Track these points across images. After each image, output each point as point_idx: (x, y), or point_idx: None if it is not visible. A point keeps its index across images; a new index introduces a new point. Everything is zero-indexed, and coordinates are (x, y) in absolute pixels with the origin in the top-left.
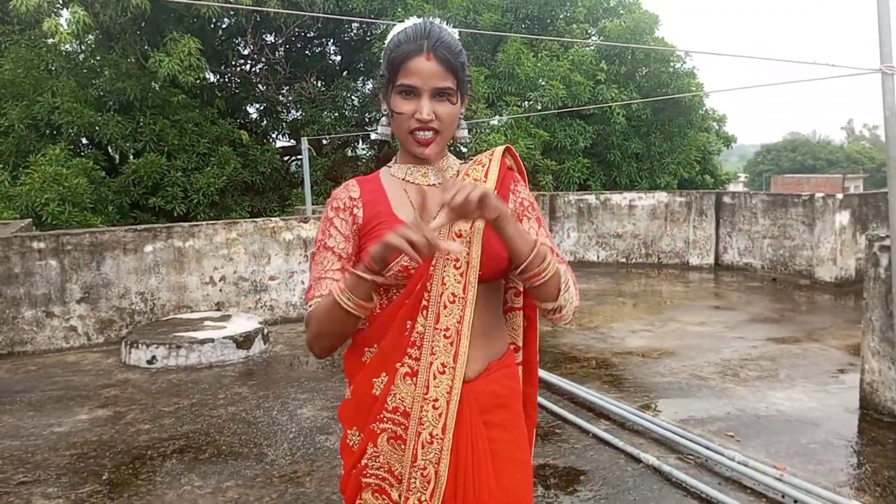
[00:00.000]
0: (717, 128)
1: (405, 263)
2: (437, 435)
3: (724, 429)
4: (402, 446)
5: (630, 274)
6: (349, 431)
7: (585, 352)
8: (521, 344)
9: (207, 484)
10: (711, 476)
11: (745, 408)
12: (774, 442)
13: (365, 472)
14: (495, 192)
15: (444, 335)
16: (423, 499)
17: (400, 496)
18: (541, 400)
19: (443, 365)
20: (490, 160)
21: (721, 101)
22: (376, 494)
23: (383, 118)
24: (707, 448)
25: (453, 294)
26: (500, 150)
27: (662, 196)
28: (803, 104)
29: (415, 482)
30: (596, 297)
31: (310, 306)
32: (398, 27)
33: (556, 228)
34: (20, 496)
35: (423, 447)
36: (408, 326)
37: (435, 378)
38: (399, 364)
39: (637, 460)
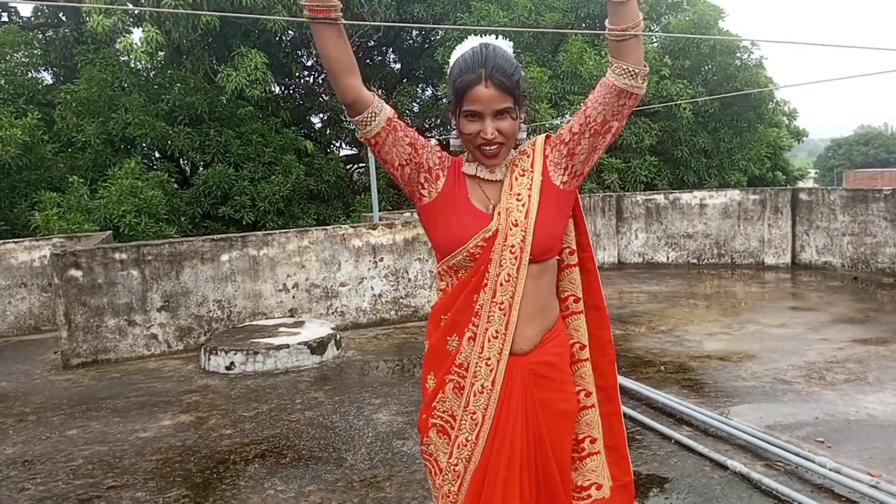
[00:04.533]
0: (787, 122)
1: (471, 250)
2: (486, 387)
3: (813, 434)
4: (461, 394)
5: (702, 275)
6: (428, 376)
7: (661, 356)
8: (580, 294)
9: (290, 488)
10: (802, 484)
11: (834, 412)
12: (867, 448)
13: (433, 413)
14: (542, 176)
15: (500, 308)
16: (469, 438)
17: (455, 436)
18: None
19: (496, 331)
20: (533, 150)
21: (789, 94)
22: (440, 434)
23: (454, 132)
24: (796, 455)
25: (508, 274)
26: (541, 139)
27: (735, 194)
28: (874, 96)
29: (465, 423)
30: (668, 298)
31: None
32: (458, 51)
33: (623, 229)
34: (110, 500)
35: (474, 396)
36: (474, 300)
37: (489, 341)
38: (465, 329)
39: (723, 467)
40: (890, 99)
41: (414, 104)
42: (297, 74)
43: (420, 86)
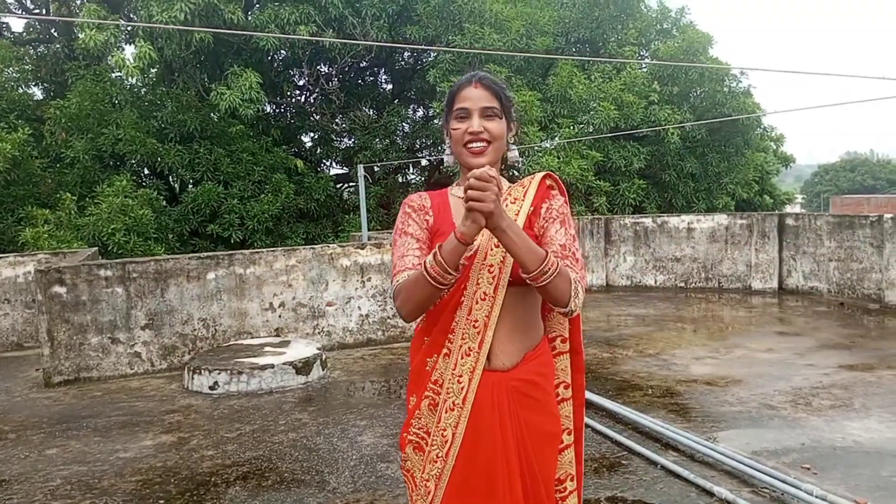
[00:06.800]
0: (774, 147)
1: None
2: (458, 404)
3: (799, 461)
4: (435, 411)
5: (690, 299)
6: (410, 397)
7: (648, 379)
8: (567, 335)
9: None
10: None
11: (820, 439)
12: (853, 475)
13: (409, 430)
14: (531, 207)
15: (473, 325)
16: (439, 454)
17: (428, 451)
18: (604, 429)
19: (469, 349)
20: (531, 182)
21: (777, 121)
22: (416, 450)
23: (447, 149)
24: (783, 481)
25: (484, 293)
26: (539, 175)
27: (722, 218)
28: (860, 123)
29: (436, 440)
30: (655, 322)
31: (397, 280)
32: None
33: (611, 252)
34: None
35: (445, 412)
36: (452, 318)
37: (462, 358)
38: (442, 347)
39: (709, 494)
40: (876, 126)
41: (405, 124)
42: (288, 93)
43: (411, 106)
